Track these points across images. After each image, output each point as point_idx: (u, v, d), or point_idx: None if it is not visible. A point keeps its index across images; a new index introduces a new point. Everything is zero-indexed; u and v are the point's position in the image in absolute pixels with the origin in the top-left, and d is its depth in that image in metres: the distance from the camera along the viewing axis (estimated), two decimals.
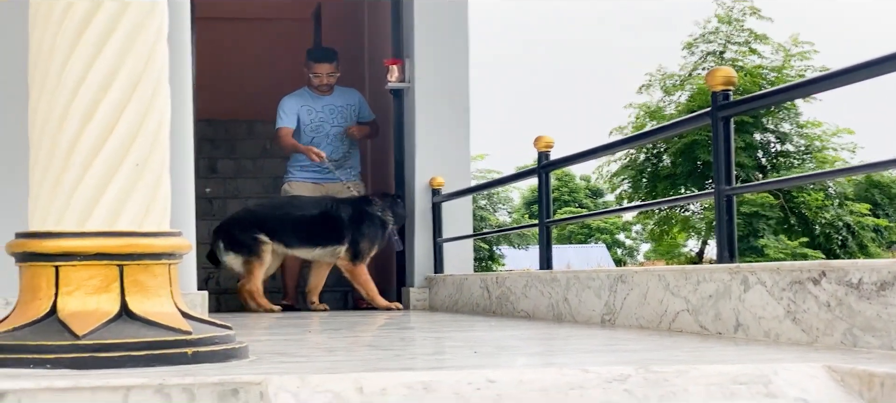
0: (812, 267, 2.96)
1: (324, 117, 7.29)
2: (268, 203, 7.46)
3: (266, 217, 6.85)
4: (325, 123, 7.31)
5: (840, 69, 3.22)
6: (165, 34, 2.55)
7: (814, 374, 2.27)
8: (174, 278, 2.61)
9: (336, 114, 7.29)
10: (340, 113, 7.31)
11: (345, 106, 7.35)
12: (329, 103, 7.33)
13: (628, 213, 40.42)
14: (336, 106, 7.33)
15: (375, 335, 3.99)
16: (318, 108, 7.29)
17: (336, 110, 7.31)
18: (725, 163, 3.64)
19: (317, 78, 7.27)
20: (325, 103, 7.31)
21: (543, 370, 2.26)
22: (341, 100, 7.36)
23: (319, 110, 7.29)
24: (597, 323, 4.37)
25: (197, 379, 2.15)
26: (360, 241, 6.72)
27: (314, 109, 7.31)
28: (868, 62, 3.08)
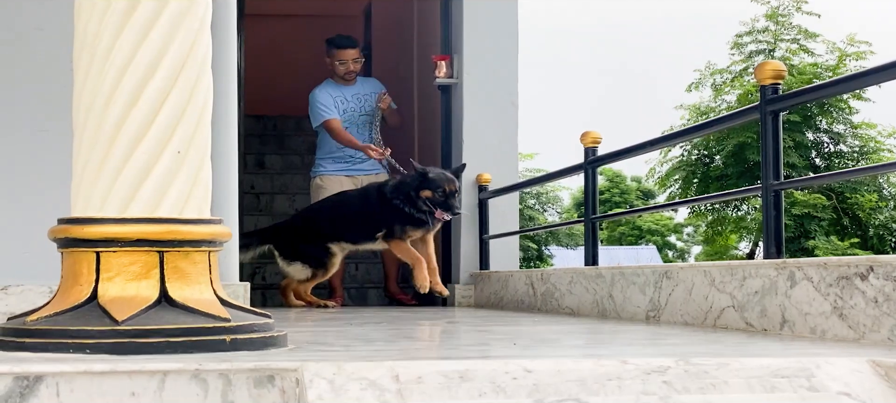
0: (860, 261, 2.91)
1: (354, 106, 7.10)
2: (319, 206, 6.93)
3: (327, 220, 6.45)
4: (356, 112, 7.12)
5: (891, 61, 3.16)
6: (209, 22, 2.56)
7: (857, 368, 2.22)
8: (214, 265, 2.62)
9: (365, 103, 7.12)
10: (368, 101, 7.13)
11: (371, 94, 7.16)
12: (357, 92, 7.15)
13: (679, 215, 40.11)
14: (363, 94, 7.15)
15: (417, 328, 3.98)
16: (349, 97, 7.10)
17: (364, 98, 7.13)
18: (773, 158, 3.58)
19: (343, 65, 7.06)
20: (353, 92, 7.12)
21: (581, 360, 2.24)
22: (367, 89, 7.18)
23: (350, 99, 7.10)
24: (642, 319, 4.33)
25: (233, 365, 2.15)
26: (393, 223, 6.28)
27: (346, 99, 7.11)
28: None
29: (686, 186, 19.07)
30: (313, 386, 2.10)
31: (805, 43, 19.09)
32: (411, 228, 6.11)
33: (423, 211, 5.98)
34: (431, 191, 5.92)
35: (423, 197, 5.93)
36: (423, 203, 5.94)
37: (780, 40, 19.45)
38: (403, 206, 6.01)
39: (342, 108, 7.04)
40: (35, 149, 4.34)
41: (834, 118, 18.25)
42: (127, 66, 2.43)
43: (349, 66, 7.05)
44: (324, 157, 7.18)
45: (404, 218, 6.06)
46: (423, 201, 5.94)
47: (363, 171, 7.08)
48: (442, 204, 5.91)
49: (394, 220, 6.10)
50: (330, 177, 7.11)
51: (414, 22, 8.59)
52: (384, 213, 6.14)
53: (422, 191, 5.93)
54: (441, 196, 5.91)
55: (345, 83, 7.10)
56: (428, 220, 5.99)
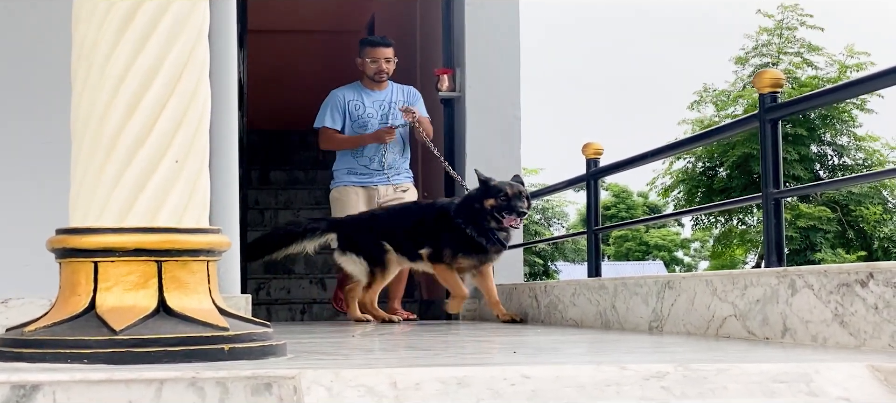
0: (859, 268, 2.90)
1: (372, 113, 6.64)
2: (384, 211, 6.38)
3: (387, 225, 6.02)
4: (373, 120, 6.65)
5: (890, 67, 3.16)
6: (206, 32, 2.56)
7: (856, 373, 2.21)
8: (213, 275, 2.61)
9: (388, 111, 6.63)
10: (392, 111, 6.64)
11: (396, 102, 6.67)
12: (381, 99, 6.68)
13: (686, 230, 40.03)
14: (389, 102, 6.67)
15: (419, 338, 3.97)
16: (368, 103, 6.66)
17: (388, 107, 6.65)
18: (773, 167, 3.58)
19: (374, 63, 6.59)
20: (376, 98, 6.67)
21: (580, 367, 2.23)
22: (395, 96, 6.71)
23: (369, 105, 6.65)
24: (645, 329, 4.32)
25: (230, 373, 2.15)
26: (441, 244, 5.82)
27: (363, 104, 6.66)
28: None
29: (690, 199, 19.10)
30: (311, 393, 2.09)
31: (808, 56, 19.15)
32: (463, 256, 5.69)
33: (486, 230, 5.55)
34: (494, 198, 5.52)
35: (487, 206, 5.53)
36: (488, 215, 5.52)
37: (783, 53, 19.49)
38: (464, 227, 5.59)
39: (355, 115, 6.64)
40: (37, 161, 4.35)
41: (838, 130, 18.29)
42: (124, 76, 2.43)
43: (380, 65, 6.60)
44: (339, 168, 6.80)
45: (457, 242, 5.64)
46: (488, 213, 5.52)
47: (380, 182, 6.66)
48: (506, 207, 5.48)
49: (445, 241, 5.69)
50: (344, 188, 6.73)
51: (416, 36, 8.61)
52: (436, 230, 5.74)
53: (485, 201, 5.54)
54: (504, 200, 5.49)
55: (373, 86, 6.67)
56: (486, 246, 5.60)
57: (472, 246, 5.62)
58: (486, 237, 5.59)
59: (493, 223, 5.54)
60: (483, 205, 5.53)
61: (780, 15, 19.47)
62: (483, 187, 5.60)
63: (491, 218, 5.52)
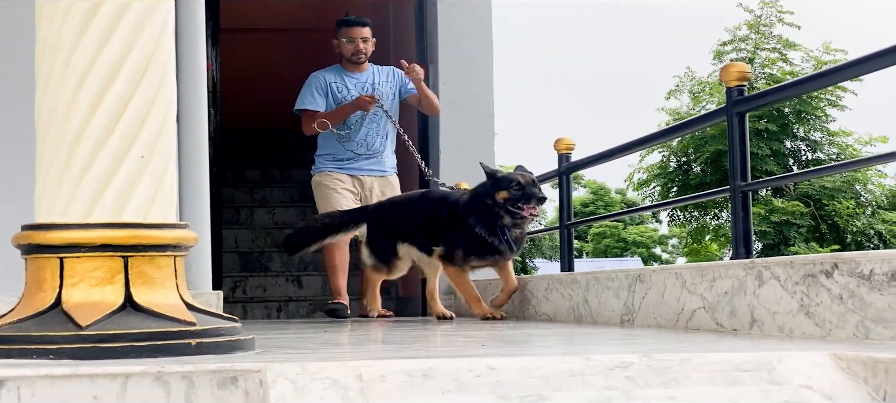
0: (824, 259, 2.93)
1: (354, 96, 6.38)
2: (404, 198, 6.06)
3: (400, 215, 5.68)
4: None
5: (853, 59, 3.19)
6: (171, 28, 2.56)
7: (819, 362, 2.23)
8: (180, 270, 2.61)
9: (367, 92, 6.39)
10: (375, 91, 6.40)
11: (382, 84, 6.46)
12: (362, 81, 6.45)
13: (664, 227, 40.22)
14: (371, 84, 6.44)
15: (389, 333, 3.98)
16: (350, 86, 6.44)
17: (370, 88, 6.41)
18: (741, 159, 3.60)
19: (351, 43, 6.41)
20: (357, 81, 6.45)
21: (545, 358, 2.24)
22: (379, 79, 6.49)
23: (351, 88, 6.43)
24: (616, 323, 4.34)
25: (196, 367, 2.15)
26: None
27: (345, 87, 6.44)
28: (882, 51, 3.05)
29: (665, 194, 19.20)
30: (276, 387, 2.09)
31: (784, 52, 19.27)
32: (476, 259, 5.25)
33: (498, 229, 5.12)
34: (506, 190, 5.06)
35: (499, 200, 5.06)
36: (502, 210, 5.06)
37: (760, 49, 19.60)
38: (476, 226, 5.15)
39: (339, 97, 6.41)
40: (5, 159, 4.33)
41: (811, 126, 18.43)
42: (88, 72, 2.43)
43: (358, 46, 6.42)
44: (323, 154, 6.53)
45: (470, 244, 5.19)
46: (501, 208, 5.06)
47: (368, 172, 6.47)
48: (521, 197, 5.02)
49: (457, 242, 5.25)
50: (328, 174, 6.45)
51: (390, 33, 8.61)
52: (448, 227, 5.30)
53: (497, 195, 5.07)
54: (518, 189, 5.04)
55: (352, 68, 6.48)
56: (498, 247, 5.16)
57: (484, 247, 5.18)
58: (498, 237, 5.14)
59: (506, 219, 5.09)
60: (495, 200, 5.08)
61: (760, 11, 19.59)
62: (491, 180, 5.16)
63: (505, 213, 5.07)
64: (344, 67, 6.52)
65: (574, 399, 2.08)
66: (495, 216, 5.08)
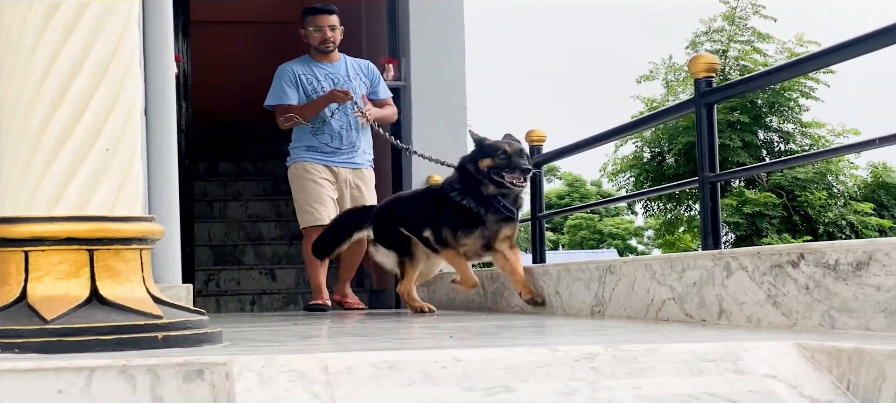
0: (791, 250, 2.94)
1: (325, 87, 6.26)
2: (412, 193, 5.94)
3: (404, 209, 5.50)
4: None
5: (820, 50, 3.21)
6: (135, 20, 2.55)
7: (784, 351, 2.25)
8: (146, 263, 2.60)
9: (342, 85, 6.27)
10: (347, 85, 6.27)
11: (354, 78, 6.33)
12: (332, 72, 6.33)
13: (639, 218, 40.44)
14: (341, 76, 6.31)
15: (359, 325, 3.98)
16: (321, 77, 6.30)
17: (341, 81, 6.29)
18: (709, 150, 3.62)
19: (318, 32, 6.28)
20: (328, 71, 6.32)
21: (511, 349, 2.25)
22: (350, 70, 6.37)
23: (322, 79, 6.29)
24: (587, 314, 4.35)
25: (161, 360, 2.14)
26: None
27: (315, 78, 6.29)
28: (848, 42, 3.07)
29: (639, 185, 19.27)
30: (241, 379, 2.09)
31: (758, 44, 19.36)
32: (464, 234, 4.92)
33: (487, 198, 4.81)
34: (491, 157, 4.77)
35: (484, 168, 4.78)
36: (487, 178, 4.78)
37: (734, 41, 19.69)
38: (460, 198, 4.86)
39: (309, 89, 6.27)
40: None
41: (784, 117, 18.53)
42: (51, 65, 2.41)
43: (325, 34, 6.29)
44: (298, 145, 6.37)
45: (454, 218, 4.92)
46: (486, 176, 4.78)
47: (343, 164, 6.33)
48: (506, 165, 4.72)
49: (443, 219, 5.00)
50: (303, 163, 6.30)
51: (362, 26, 8.60)
52: (436, 208, 5.05)
53: (480, 163, 4.80)
54: (503, 158, 4.74)
55: (321, 58, 6.35)
56: (484, 217, 4.83)
57: (470, 219, 4.87)
58: (486, 206, 4.81)
59: (492, 187, 4.79)
60: (478, 168, 4.80)
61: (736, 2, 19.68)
62: (477, 147, 4.89)
63: (489, 181, 4.78)
64: (313, 58, 6.39)
65: (540, 390, 2.09)
66: (479, 183, 4.81)
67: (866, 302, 2.62)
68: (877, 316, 2.59)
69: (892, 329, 2.53)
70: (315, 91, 6.27)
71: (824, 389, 2.12)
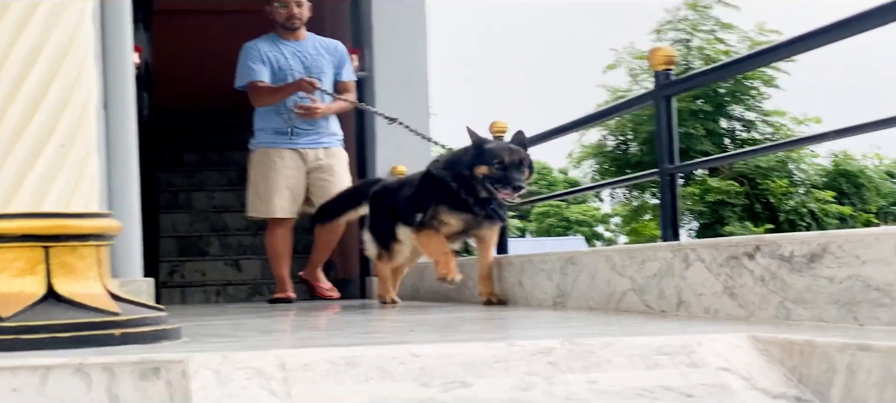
0: (747, 241, 2.97)
1: (293, 66, 6.09)
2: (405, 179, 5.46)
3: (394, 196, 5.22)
4: (295, 73, 6.09)
5: (778, 43, 3.23)
6: (90, 14, 2.53)
7: (738, 344, 2.27)
8: (103, 259, 2.59)
9: (310, 63, 6.11)
10: (315, 63, 6.12)
11: (319, 56, 6.16)
12: (299, 49, 6.15)
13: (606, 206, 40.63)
14: (308, 54, 6.13)
15: (321, 318, 3.98)
16: (288, 54, 6.12)
17: (308, 58, 6.11)
18: (668, 142, 3.65)
19: (284, 8, 6.11)
20: (293, 49, 6.14)
21: (469, 344, 2.26)
22: (317, 50, 6.19)
23: (288, 57, 6.11)
24: (549, 305, 4.37)
25: (117, 358, 2.13)
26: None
27: (282, 55, 6.10)
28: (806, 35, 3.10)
29: (603, 173, 19.40)
30: (198, 377, 2.09)
31: (721, 34, 19.51)
32: (446, 211, 4.66)
33: (477, 194, 4.57)
34: (487, 165, 4.47)
35: (479, 175, 4.50)
36: (480, 185, 4.53)
37: (697, 30, 19.82)
38: (450, 181, 4.61)
39: (276, 66, 6.06)
40: None
41: (746, 105, 18.69)
42: (4, 61, 2.39)
43: (292, 10, 6.12)
44: (263, 127, 6.16)
45: (441, 197, 4.65)
46: (480, 183, 4.52)
47: (311, 145, 6.15)
48: (501, 179, 4.44)
49: (429, 200, 4.73)
50: (266, 150, 6.14)
51: (325, 16, 8.57)
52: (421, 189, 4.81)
53: (477, 169, 4.50)
54: (499, 169, 4.45)
55: (288, 35, 6.16)
56: (473, 207, 4.61)
57: (457, 202, 4.61)
58: (474, 198, 4.58)
59: (483, 193, 4.55)
60: (473, 174, 4.52)
61: None
62: (476, 150, 4.55)
63: (482, 188, 4.53)
64: (279, 35, 6.20)
65: (496, 384, 2.10)
66: (472, 187, 4.56)
67: (820, 293, 2.65)
68: (830, 308, 2.62)
69: (844, 320, 2.57)
70: (282, 69, 6.09)
71: (777, 381, 2.15)
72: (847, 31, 2.96)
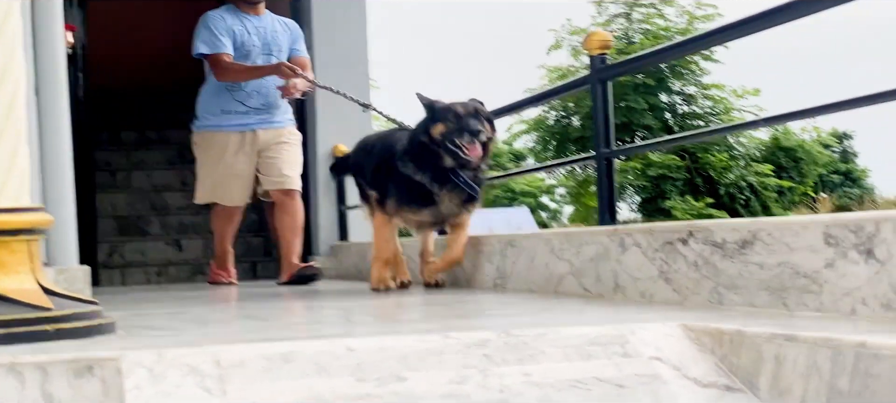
0: (681, 227, 3.01)
1: (255, 42, 5.79)
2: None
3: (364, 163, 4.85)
4: (256, 48, 5.81)
5: (709, 30, 3.27)
6: (17, 8, 2.49)
7: (670, 333, 2.31)
8: (35, 254, 2.56)
9: (270, 40, 5.83)
10: (274, 40, 5.84)
11: (277, 33, 5.87)
12: (259, 25, 5.84)
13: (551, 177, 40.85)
14: (270, 30, 5.85)
15: (260, 305, 3.96)
16: (250, 30, 5.81)
17: (270, 35, 5.84)
18: (604, 126, 3.67)
19: None
20: (255, 24, 5.82)
21: (404, 337, 2.27)
22: (275, 27, 5.89)
23: (251, 32, 5.80)
24: (490, 287, 4.40)
25: (50, 357, 2.11)
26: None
27: (244, 30, 5.77)
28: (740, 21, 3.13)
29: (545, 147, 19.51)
30: (132, 375, 2.08)
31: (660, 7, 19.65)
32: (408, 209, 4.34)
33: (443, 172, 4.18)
34: (442, 122, 4.13)
35: (436, 136, 4.15)
36: (441, 149, 4.14)
37: (638, 4, 19.94)
38: (414, 174, 4.25)
39: (239, 41, 5.73)
40: None
41: (686, 80, 18.88)
42: None
43: None
44: (209, 106, 5.80)
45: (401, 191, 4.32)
46: (439, 145, 4.15)
47: (263, 124, 5.81)
48: (458, 130, 4.07)
49: (390, 188, 4.40)
50: (211, 133, 5.78)
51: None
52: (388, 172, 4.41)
53: (433, 130, 4.15)
54: (454, 122, 4.09)
55: (249, 10, 5.82)
56: (436, 196, 4.24)
57: (421, 195, 4.25)
58: (441, 181, 4.20)
59: (447, 159, 4.15)
60: (431, 137, 4.16)
61: None
62: (428, 112, 4.23)
63: (444, 152, 4.14)
64: (241, 9, 5.86)
65: (431, 379, 2.11)
66: (435, 156, 4.17)
67: (751, 279, 2.70)
68: (760, 294, 2.66)
69: (774, 305, 2.61)
70: (244, 44, 5.74)
71: (707, 370, 2.19)
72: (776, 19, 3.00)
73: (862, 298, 2.35)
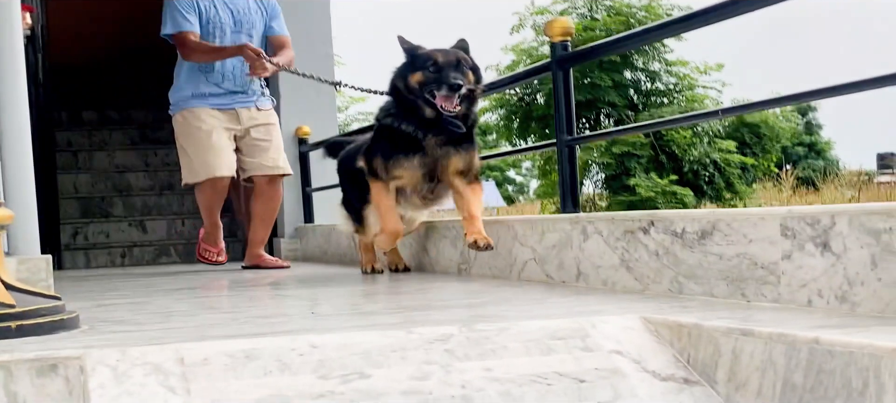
0: (642, 216, 3.04)
1: (224, 19, 5.61)
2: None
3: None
4: (226, 27, 5.63)
5: (670, 19, 3.29)
6: None
7: (630, 326, 2.34)
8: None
9: (240, 17, 5.64)
10: (247, 17, 5.65)
11: (249, 10, 5.66)
12: (228, 2, 5.64)
13: None
14: (238, 7, 5.63)
15: (225, 295, 3.96)
16: (220, 8, 5.61)
17: (240, 12, 5.64)
18: (566, 113, 3.69)
19: None
20: (223, 1, 5.63)
21: (367, 332, 2.29)
22: (248, 3, 5.67)
23: (221, 9, 5.61)
24: (454, 272, 4.42)
25: (13, 356, 2.11)
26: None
27: (213, 6, 5.58)
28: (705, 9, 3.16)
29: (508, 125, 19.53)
30: (96, 374, 2.08)
31: None
32: (396, 164, 4.00)
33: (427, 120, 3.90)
34: (420, 70, 3.87)
35: (415, 84, 3.88)
36: (419, 99, 3.88)
37: None
38: (395, 123, 3.98)
39: (205, 17, 5.57)
40: None
41: (650, 57, 18.94)
42: None
43: None
44: (184, 88, 5.64)
45: (385, 145, 4.05)
46: (418, 95, 3.87)
47: (243, 104, 5.67)
48: (435, 81, 3.79)
49: (374, 149, 4.17)
50: (192, 110, 5.61)
51: None
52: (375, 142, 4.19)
53: (411, 78, 3.89)
54: (433, 70, 3.82)
55: None
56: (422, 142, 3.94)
57: (407, 144, 3.96)
58: (425, 129, 3.92)
59: (429, 110, 3.87)
60: (409, 84, 3.90)
61: None
62: (408, 59, 3.97)
63: (423, 102, 3.87)
64: None
65: (394, 375, 2.13)
66: (415, 106, 3.91)
67: (710, 269, 2.73)
68: (719, 284, 2.70)
69: (733, 296, 2.65)
70: (211, 21, 5.58)
71: (666, 363, 2.22)
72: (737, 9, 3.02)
73: (818, 290, 2.39)
